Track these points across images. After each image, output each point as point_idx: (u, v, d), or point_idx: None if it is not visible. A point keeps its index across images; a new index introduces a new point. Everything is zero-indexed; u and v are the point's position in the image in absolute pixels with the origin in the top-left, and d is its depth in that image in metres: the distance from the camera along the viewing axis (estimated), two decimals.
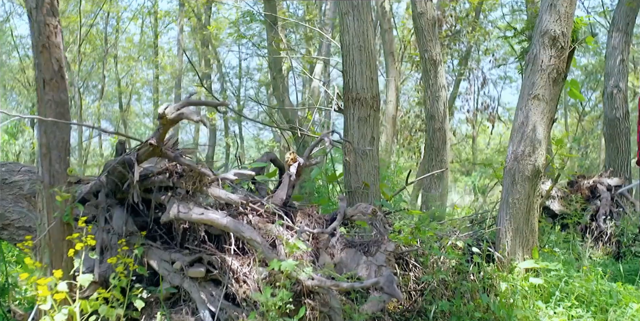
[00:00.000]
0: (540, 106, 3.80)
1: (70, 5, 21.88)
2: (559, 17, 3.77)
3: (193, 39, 22.32)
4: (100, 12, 22.39)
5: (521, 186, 3.81)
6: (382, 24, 9.26)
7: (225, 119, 17.75)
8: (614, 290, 3.70)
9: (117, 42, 25.48)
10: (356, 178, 3.56)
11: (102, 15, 23.58)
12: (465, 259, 3.40)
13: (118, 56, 25.99)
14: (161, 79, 26.00)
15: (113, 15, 25.02)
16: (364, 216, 2.98)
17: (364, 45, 3.53)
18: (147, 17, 25.46)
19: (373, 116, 3.54)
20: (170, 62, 24.46)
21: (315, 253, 2.91)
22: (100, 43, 23.50)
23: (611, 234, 6.01)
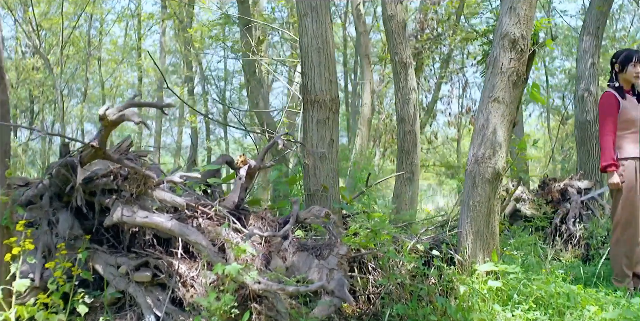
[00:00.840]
0: (501, 108, 3.80)
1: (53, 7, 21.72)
2: (519, 20, 3.77)
3: (176, 41, 22.23)
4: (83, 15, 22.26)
5: (482, 189, 3.80)
6: (358, 27, 9.27)
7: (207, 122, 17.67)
8: (572, 293, 3.71)
9: (101, 44, 25.34)
10: (315, 181, 3.53)
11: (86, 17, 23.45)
12: (421, 262, 3.38)
13: (102, 58, 25.83)
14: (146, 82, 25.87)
15: (97, 18, 24.89)
16: (317, 219, 2.96)
17: (322, 47, 3.51)
18: (131, 19, 25.37)
19: (332, 118, 3.52)
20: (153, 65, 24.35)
21: (267, 257, 2.88)
22: (84, 45, 23.36)
23: (580, 237, 6.05)
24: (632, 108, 4.36)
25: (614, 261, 4.45)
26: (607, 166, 4.29)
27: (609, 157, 4.27)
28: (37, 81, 21.80)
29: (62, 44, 20.46)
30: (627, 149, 4.33)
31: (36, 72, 21.40)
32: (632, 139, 4.35)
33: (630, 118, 4.33)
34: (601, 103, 4.41)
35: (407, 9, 17.19)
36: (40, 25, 20.52)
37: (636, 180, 4.34)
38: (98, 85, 26.07)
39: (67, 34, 20.94)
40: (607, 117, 4.33)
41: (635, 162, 4.34)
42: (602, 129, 4.35)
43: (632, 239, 4.36)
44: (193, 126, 15.71)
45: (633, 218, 4.33)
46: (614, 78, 4.43)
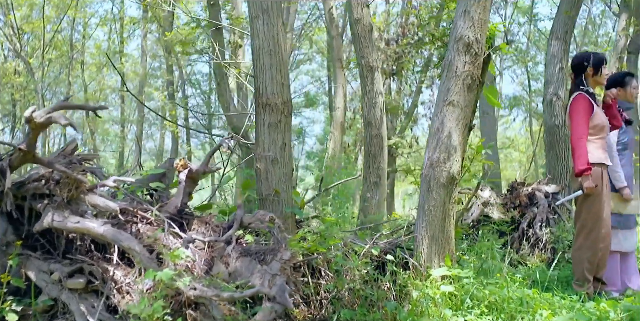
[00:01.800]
0: (455, 112, 3.79)
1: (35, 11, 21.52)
2: (473, 23, 3.77)
3: (156, 45, 22.13)
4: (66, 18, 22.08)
5: (437, 193, 3.79)
6: (330, 30, 9.26)
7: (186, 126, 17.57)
8: (528, 297, 3.69)
9: (84, 48, 25.14)
10: (267, 185, 3.49)
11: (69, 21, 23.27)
12: (371, 266, 3.35)
13: (85, 62, 25.64)
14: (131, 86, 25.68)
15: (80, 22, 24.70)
16: (262, 224, 2.92)
17: (274, 50, 3.47)
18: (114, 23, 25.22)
19: (284, 121, 3.49)
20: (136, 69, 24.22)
21: (210, 262, 2.83)
22: (67, 49, 23.17)
23: (546, 241, 6.05)
24: (602, 114, 4.34)
25: (575, 265, 4.45)
26: (583, 169, 4.20)
27: (585, 161, 4.19)
28: (19, 85, 21.58)
29: (44, 47, 20.27)
30: (594, 154, 4.30)
31: (17, 76, 21.20)
32: (599, 145, 4.34)
33: (600, 124, 4.31)
34: (575, 106, 4.30)
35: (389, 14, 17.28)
36: (21, 29, 20.33)
37: (602, 186, 4.34)
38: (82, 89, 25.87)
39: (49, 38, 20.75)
40: (581, 120, 4.24)
41: (601, 168, 4.34)
42: (576, 131, 4.24)
43: (595, 245, 4.36)
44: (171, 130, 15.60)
45: (597, 224, 4.32)
46: (584, 82, 4.39)
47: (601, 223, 4.32)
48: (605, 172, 4.39)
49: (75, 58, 24.19)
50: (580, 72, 4.39)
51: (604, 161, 4.34)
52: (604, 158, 4.36)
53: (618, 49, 8.56)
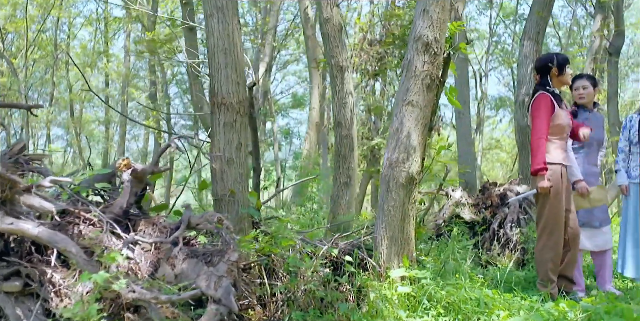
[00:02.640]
0: (415, 112, 3.77)
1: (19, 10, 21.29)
2: (432, 23, 3.75)
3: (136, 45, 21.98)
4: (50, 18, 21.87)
5: (396, 193, 3.76)
6: (306, 30, 9.23)
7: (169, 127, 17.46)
8: (487, 298, 3.68)
9: (69, 48, 24.92)
10: (222, 186, 3.45)
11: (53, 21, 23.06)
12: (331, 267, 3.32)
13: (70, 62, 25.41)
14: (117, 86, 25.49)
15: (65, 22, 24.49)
16: (210, 225, 2.87)
17: (229, 48, 3.43)
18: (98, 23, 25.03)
19: (240, 121, 3.44)
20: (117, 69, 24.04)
21: (156, 264, 2.78)
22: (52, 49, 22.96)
23: (517, 242, 6.05)
24: (563, 114, 4.36)
25: (539, 266, 4.44)
26: (538, 169, 4.22)
27: (541, 161, 4.21)
28: (2, 85, 21.37)
29: (27, 47, 20.06)
30: (554, 154, 4.32)
31: (1, 76, 20.99)
32: (559, 145, 4.36)
33: (561, 124, 4.33)
34: (536, 105, 4.32)
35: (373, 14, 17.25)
36: (4, 29, 20.11)
37: (561, 186, 4.35)
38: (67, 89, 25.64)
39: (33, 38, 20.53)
40: (542, 119, 4.25)
41: (560, 168, 4.35)
42: (536, 131, 4.25)
43: (558, 245, 4.36)
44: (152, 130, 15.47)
45: (558, 224, 4.33)
46: (549, 82, 4.40)
47: (560, 222, 4.33)
48: (566, 172, 4.40)
49: (59, 58, 23.98)
50: (546, 73, 4.42)
51: (562, 161, 4.35)
52: (563, 158, 4.37)
53: (593, 49, 8.59)
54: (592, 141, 4.75)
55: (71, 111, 25.98)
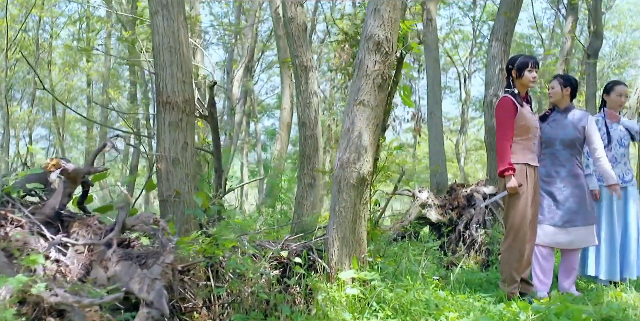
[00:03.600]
0: (366, 112, 3.73)
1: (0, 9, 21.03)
2: (383, 22, 3.71)
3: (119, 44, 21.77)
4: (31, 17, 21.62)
5: (347, 194, 3.72)
6: (277, 30, 9.18)
7: (104, 125, 17.34)
8: (439, 299, 3.65)
9: (51, 48, 24.63)
10: (168, 186, 3.39)
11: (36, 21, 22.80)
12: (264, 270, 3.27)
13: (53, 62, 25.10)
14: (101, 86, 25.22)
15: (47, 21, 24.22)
16: (145, 226, 2.81)
17: (174, 46, 3.37)
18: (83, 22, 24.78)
19: (186, 120, 3.39)
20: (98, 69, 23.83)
21: (88, 266, 2.72)
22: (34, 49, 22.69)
23: (482, 243, 6.04)
24: (528, 115, 4.38)
25: (503, 265, 4.44)
26: (504, 170, 4.27)
27: (506, 162, 4.26)
28: None
29: (7, 46, 19.79)
30: (518, 154, 4.35)
31: None
32: (524, 146, 4.38)
33: (526, 125, 4.35)
34: (499, 108, 4.39)
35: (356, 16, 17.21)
36: None
37: (526, 186, 4.35)
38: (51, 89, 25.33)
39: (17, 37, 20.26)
40: (505, 122, 4.32)
41: (525, 167, 4.36)
42: (500, 134, 4.33)
43: (523, 246, 4.37)
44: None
45: (524, 224, 4.34)
46: (512, 84, 4.42)
47: (526, 222, 4.34)
48: (532, 172, 4.42)
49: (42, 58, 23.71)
50: (509, 74, 4.45)
51: (528, 161, 4.38)
52: (529, 159, 4.39)
53: (564, 51, 8.63)
54: (555, 140, 4.75)
55: (53, 110, 25.73)
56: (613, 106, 5.12)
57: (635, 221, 5.02)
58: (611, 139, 5.02)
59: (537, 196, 4.54)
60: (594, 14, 13.82)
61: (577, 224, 4.69)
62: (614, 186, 4.74)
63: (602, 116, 5.16)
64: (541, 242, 4.72)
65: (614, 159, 5.03)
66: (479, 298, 3.93)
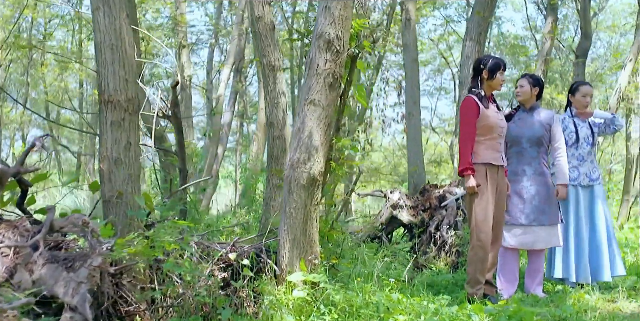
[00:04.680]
0: (317, 111, 3.66)
1: None
2: (334, 19, 3.65)
3: None
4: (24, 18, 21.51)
5: (297, 195, 3.65)
6: None
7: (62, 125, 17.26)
8: (390, 301, 3.59)
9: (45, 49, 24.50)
10: (110, 187, 3.32)
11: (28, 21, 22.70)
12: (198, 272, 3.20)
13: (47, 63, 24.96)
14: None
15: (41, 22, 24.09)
16: (75, 228, 2.74)
17: (116, 44, 3.31)
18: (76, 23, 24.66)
19: (129, 119, 3.31)
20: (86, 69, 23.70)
21: (12, 270, 2.65)
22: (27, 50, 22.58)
23: (452, 244, 5.98)
24: (491, 115, 4.38)
25: (469, 267, 4.43)
26: (463, 169, 4.30)
27: (466, 162, 4.29)
28: None
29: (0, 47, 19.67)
30: (480, 154, 4.37)
31: None
32: (487, 146, 4.38)
33: (488, 124, 4.35)
34: (462, 108, 4.42)
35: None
36: None
37: (488, 186, 4.33)
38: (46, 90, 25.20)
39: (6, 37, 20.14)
40: (467, 122, 4.35)
41: (486, 167, 4.35)
42: (462, 133, 4.37)
43: (486, 246, 4.35)
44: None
45: (486, 224, 4.32)
46: (479, 85, 4.39)
47: (489, 223, 4.31)
48: (495, 172, 4.39)
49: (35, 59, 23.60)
50: (477, 74, 4.44)
51: (491, 161, 4.38)
52: (492, 158, 4.39)
53: (544, 51, 8.58)
54: (521, 139, 4.72)
55: (46, 111, 25.63)
56: (579, 106, 5.08)
57: (603, 221, 4.97)
58: (578, 138, 4.98)
59: (503, 197, 4.50)
60: (582, 15, 13.79)
61: (544, 223, 4.69)
62: (564, 187, 4.72)
63: (569, 115, 5.12)
64: (507, 244, 4.68)
65: (580, 158, 4.99)
66: (434, 300, 3.87)
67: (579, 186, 4.94)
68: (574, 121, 5.05)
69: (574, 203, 4.96)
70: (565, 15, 21.39)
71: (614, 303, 4.33)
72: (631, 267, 5.82)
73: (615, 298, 4.43)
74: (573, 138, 4.99)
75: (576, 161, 4.98)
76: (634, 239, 8.66)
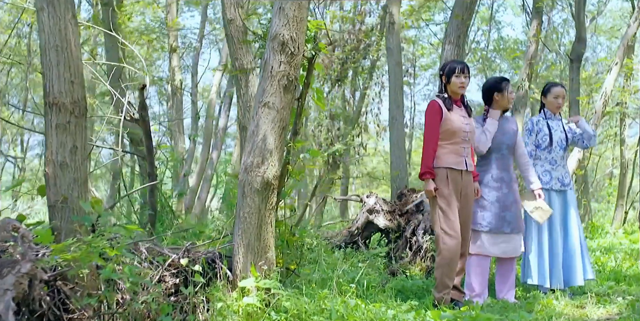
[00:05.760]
0: (271, 114, 3.60)
1: None
2: (288, 21, 3.59)
3: None
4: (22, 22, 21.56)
5: (251, 199, 3.58)
6: None
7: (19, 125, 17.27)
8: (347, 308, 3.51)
9: None
10: (56, 191, 3.25)
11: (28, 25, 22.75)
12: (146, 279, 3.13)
13: None
14: None
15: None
16: (6, 233, 2.67)
17: (61, 45, 3.25)
18: None
19: (74, 122, 3.25)
20: None
21: None
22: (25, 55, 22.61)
23: (427, 249, 5.89)
24: (456, 119, 4.33)
25: (436, 271, 4.38)
26: (423, 173, 4.27)
27: (426, 165, 4.26)
28: None
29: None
30: (442, 158, 4.33)
31: None
32: (449, 150, 4.33)
33: (451, 129, 4.30)
34: (426, 112, 4.38)
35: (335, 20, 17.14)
36: None
37: (448, 190, 4.27)
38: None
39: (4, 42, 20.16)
40: (430, 125, 4.32)
41: (446, 171, 4.29)
42: (425, 137, 4.34)
43: (453, 249, 4.27)
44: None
45: (451, 227, 4.26)
46: (444, 89, 4.36)
47: (453, 227, 4.25)
48: (458, 176, 4.34)
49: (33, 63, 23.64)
50: (440, 80, 4.44)
51: (452, 165, 4.32)
52: (454, 163, 4.34)
53: (528, 55, 8.50)
54: (502, 145, 4.67)
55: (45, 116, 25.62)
56: (551, 108, 5.00)
57: (576, 226, 4.88)
58: (552, 141, 4.89)
59: (469, 202, 4.44)
60: (576, 19, 13.72)
61: (521, 231, 4.69)
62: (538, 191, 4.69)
63: (543, 117, 5.04)
64: (488, 253, 4.61)
65: (553, 162, 4.91)
66: (393, 306, 3.79)
67: (551, 190, 4.86)
68: (548, 124, 4.96)
69: None
70: (565, 19, 21.29)
71: (583, 309, 4.24)
72: (611, 272, 5.75)
73: (585, 303, 4.34)
74: (546, 142, 4.91)
75: (549, 165, 4.90)
76: (629, 244, 8.59)
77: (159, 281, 3.42)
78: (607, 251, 7.55)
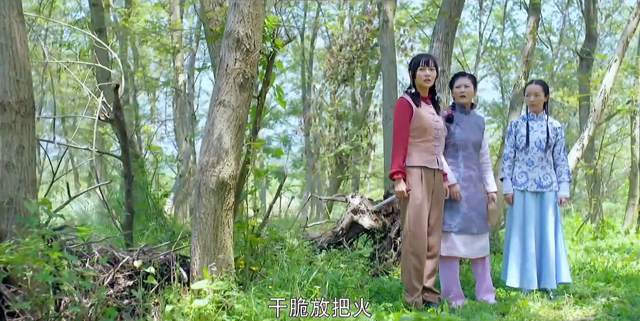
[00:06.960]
0: (227, 112, 3.52)
1: None
2: (243, 17, 3.51)
3: None
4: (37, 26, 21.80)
5: (207, 200, 3.51)
6: None
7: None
8: None
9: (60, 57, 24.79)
10: (2, 192, 3.20)
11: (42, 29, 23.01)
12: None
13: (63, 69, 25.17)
14: None
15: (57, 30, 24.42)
16: None
17: (6, 43, 3.20)
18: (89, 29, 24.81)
19: (21, 122, 3.20)
20: None
21: None
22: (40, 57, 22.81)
23: None
24: (425, 116, 4.21)
25: (403, 275, 4.25)
26: (393, 173, 4.15)
27: (396, 165, 4.14)
28: None
29: None
30: (414, 157, 4.20)
31: None
32: (421, 148, 4.21)
33: (422, 126, 4.18)
34: (395, 109, 4.28)
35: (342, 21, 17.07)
36: None
37: (422, 189, 4.15)
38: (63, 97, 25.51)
39: None
40: (399, 123, 4.21)
41: (420, 170, 4.17)
42: (395, 135, 4.22)
43: (421, 251, 4.17)
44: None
45: (419, 229, 4.14)
46: (413, 85, 4.27)
47: (422, 228, 4.13)
48: (430, 176, 4.22)
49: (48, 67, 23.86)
50: (409, 73, 4.34)
51: (424, 164, 4.20)
52: (426, 162, 4.21)
53: (525, 52, 8.30)
54: (468, 143, 4.54)
55: (62, 119, 25.86)
56: (528, 106, 4.87)
57: (552, 228, 4.72)
58: (528, 142, 4.75)
59: (440, 202, 4.32)
60: (586, 16, 13.45)
61: (487, 230, 4.56)
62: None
63: (524, 118, 4.90)
64: (458, 254, 4.49)
65: (530, 163, 4.77)
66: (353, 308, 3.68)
67: (526, 191, 4.72)
68: (528, 124, 4.82)
69: (519, 210, 4.75)
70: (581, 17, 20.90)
71: (559, 311, 4.11)
72: (602, 272, 5.59)
73: (562, 305, 4.20)
74: (523, 142, 4.77)
75: (525, 166, 4.76)
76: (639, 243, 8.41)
77: (112, 283, 3.37)
78: (615, 251, 7.39)
